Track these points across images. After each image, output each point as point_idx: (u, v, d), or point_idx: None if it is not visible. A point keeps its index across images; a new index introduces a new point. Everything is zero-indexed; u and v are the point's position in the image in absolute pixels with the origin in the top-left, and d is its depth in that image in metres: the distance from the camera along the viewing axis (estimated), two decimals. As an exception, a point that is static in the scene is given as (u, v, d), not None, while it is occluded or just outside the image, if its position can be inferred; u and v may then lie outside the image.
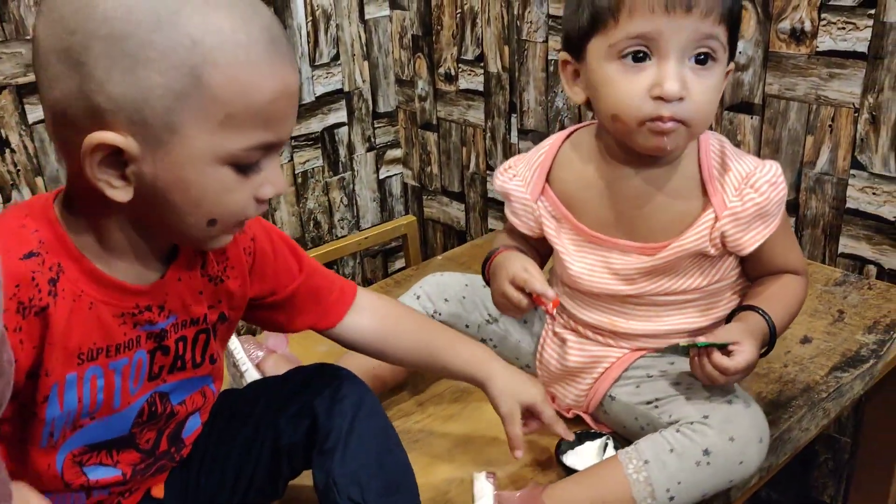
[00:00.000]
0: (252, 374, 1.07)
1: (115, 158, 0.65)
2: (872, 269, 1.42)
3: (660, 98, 0.88)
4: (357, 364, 0.99)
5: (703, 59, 0.89)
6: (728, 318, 1.02)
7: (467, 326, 1.15)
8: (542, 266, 1.12)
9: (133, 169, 0.66)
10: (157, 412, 0.79)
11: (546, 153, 1.05)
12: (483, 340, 1.15)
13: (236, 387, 1.06)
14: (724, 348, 0.92)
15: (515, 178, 1.07)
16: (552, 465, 1.00)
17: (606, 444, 1.00)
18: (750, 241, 0.96)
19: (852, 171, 1.40)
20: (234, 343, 1.11)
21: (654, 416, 0.98)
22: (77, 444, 0.75)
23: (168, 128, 0.64)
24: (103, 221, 0.71)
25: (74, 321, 0.69)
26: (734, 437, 0.91)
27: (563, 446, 1.00)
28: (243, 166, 0.68)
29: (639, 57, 0.89)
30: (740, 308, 1.01)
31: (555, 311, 0.97)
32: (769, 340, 0.98)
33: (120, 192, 0.67)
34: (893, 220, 1.37)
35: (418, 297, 1.15)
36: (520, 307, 0.99)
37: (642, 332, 1.03)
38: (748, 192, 0.95)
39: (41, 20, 0.65)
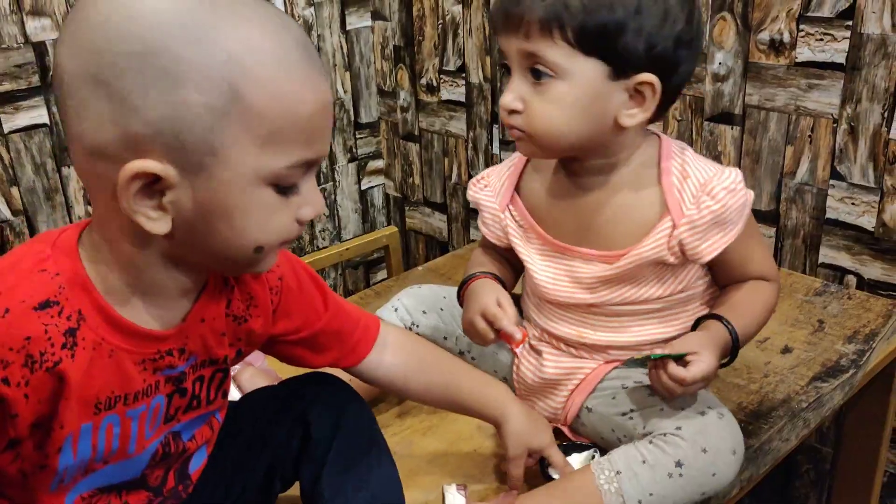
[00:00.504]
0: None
1: (151, 188, 0.61)
2: (852, 280, 1.43)
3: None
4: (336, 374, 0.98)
5: (536, 75, 0.90)
6: (693, 328, 1.01)
7: (445, 338, 1.14)
8: (516, 280, 1.13)
9: (171, 198, 0.62)
10: (171, 452, 0.76)
11: (516, 164, 1.07)
12: (461, 352, 1.14)
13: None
14: (680, 359, 0.91)
15: (486, 189, 1.09)
16: (532, 477, 0.99)
17: (594, 457, 0.99)
18: (708, 250, 0.95)
19: (832, 182, 1.41)
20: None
21: (630, 427, 0.98)
22: (88, 487, 0.72)
23: (209, 149, 0.61)
24: (136, 259, 0.67)
25: (94, 371, 0.66)
26: (707, 448, 0.90)
27: (545, 462, 0.99)
28: (284, 187, 0.65)
29: (506, 71, 0.94)
30: (704, 317, 1.00)
31: (520, 349, 1.00)
32: (731, 349, 0.97)
33: (159, 224, 0.63)
34: (872, 230, 1.38)
35: (396, 310, 1.15)
36: (485, 339, 1.00)
37: (609, 344, 1.03)
38: (705, 199, 0.93)
39: (63, 45, 0.61)
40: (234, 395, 1.09)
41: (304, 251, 2.05)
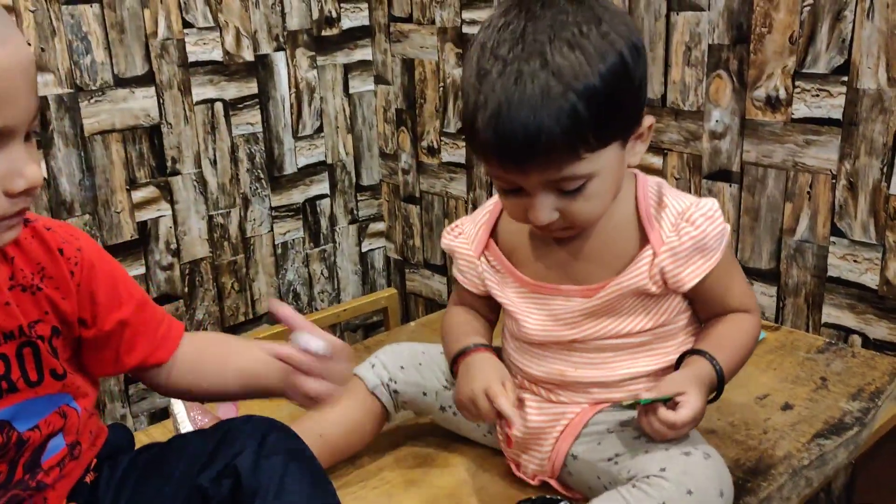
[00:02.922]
0: None
1: None
2: (857, 339, 1.38)
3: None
4: (303, 429, 0.94)
5: (567, 192, 0.88)
6: (676, 363, 0.98)
7: (425, 394, 1.10)
8: (494, 325, 1.12)
9: None
10: (1, 443, 0.73)
11: (491, 210, 1.07)
12: (442, 408, 1.11)
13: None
14: (668, 401, 0.89)
15: (461, 237, 1.08)
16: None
17: None
18: (690, 276, 0.95)
19: (832, 239, 1.38)
20: (178, 407, 1.06)
21: (615, 472, 0.94)
22: None
23: None
24: None
25: None
26: (692, 489, 0.86)
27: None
28: None
29: (508, 190, 0.91)
30: (687, 353, 0.98)
31: (513, 433, 0.98)
32: (717, 385, 0.95)
33: None
34: (876, 287, 1.34)
35: (373, 366, 1.11)
36: (484, 417, 0.97)
37: (591, 381, 1.00)
38: (684, 226, 0.94)
39: None
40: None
41: (303, 312, 2.03)
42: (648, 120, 0.92)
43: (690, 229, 0.94)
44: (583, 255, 0.98)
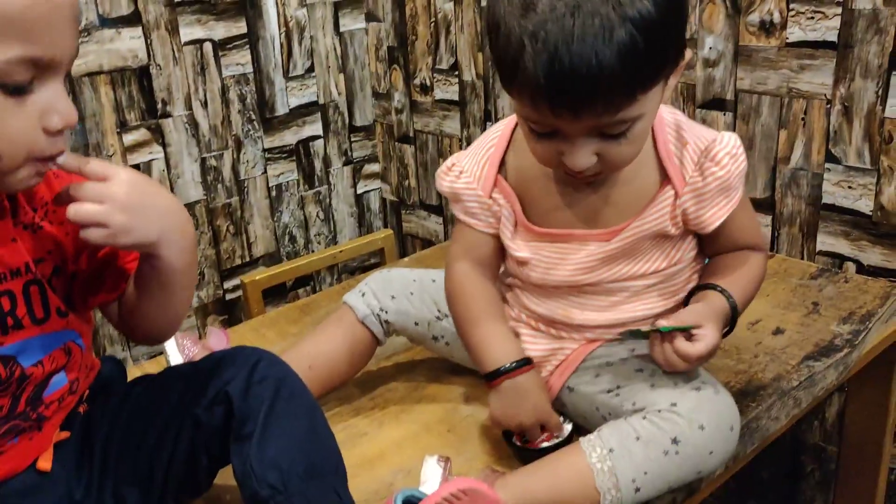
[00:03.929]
0: None
1: None
2: (851, 266, 1.38)
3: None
4: (291, 360, 0.94)
5: (613, 136, 0.83)
6: (686, 298, 0.97)
7: (416, 324, 1.09)
8: (500, 265, 1.06)
9: None
10: (3, 378, 0.73)
11: (496, 143, 0.99)
12: (434, 338, 1.09)
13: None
14: (686, 332, 0.88)
15: (463, 175, 1.00)
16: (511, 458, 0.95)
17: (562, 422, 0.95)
18: (713, 218, 0.92)
19: (827, 166, 1.37)
20: (169, 340, 1.06)
21: (616, 403, 0.93)
22: None
23: None
24: None
25: None
26: (704, 425, 0.86)
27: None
28: (11, 87, 0.62)
29: (542, 133, 0.84)
30: (699, 287, 0.96)
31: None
32: (731, 320, 0.93)
33: None
34: (870, 213, 1.33)
35: (363, 294, 1.09)
36: (531, 438, 0.95)
37: (598, 323, 0.98)
38: (709, 165, 0.90)
39: None
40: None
41: (299, 255, 2.03)
42: (688, 53, 0.86)
43: (716, 169, 0.90)
44: (599, 195, 0.93)
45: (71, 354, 0.79)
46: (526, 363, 0.96)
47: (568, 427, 0.96)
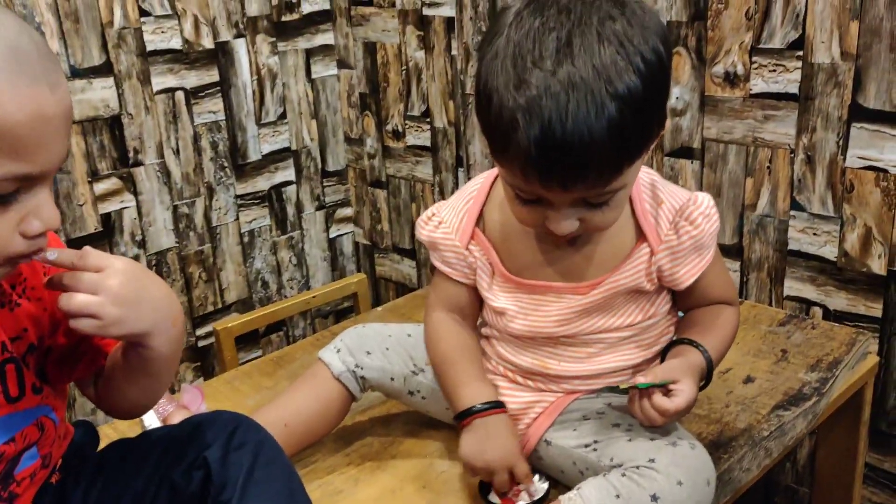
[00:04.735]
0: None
1: None
2: (818, 312, 1.40)
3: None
4: (267, 419, 0.94)
5: (598, 205, 0.85)
6: (663, 353, 0.99)
7: (392, 379, 1.09)
8: (479, 314, 1.07)
9: None
10: None
11: (475, 197, 1.01)
12: (410, 392, 1.09)
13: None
14: (663, 387, 0.89)
15: (442, 226, 1.02)
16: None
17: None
18: (687, 275, 0.95)
19: (792, 213, 1.40)
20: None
21: (593, 459, 0.94)
22: None
23: None
24: None
25: None
26: (682, 480, 0.87)
27: (486, 484, 0.96)
28: None
29: (528, 200, 0.86)
30: (675, 342, 0.98)
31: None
32: (706, 375, 0.95)
33: None
34: (835, 259, 1.36)
35: (338, 351, 1.09)
36: (496, 485, 0.95)
37: (575, 374, 1.00)
38: (684, 225, 0.93)
39: None
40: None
41: (272, 300, 2.03)
42: (667, 122, 0.88)
43: (690, 228, 0.92)
44: (577, 251, 0.95)
45: (44, 429, 0.78)
46: (497, 405, 0.97)
47: (544, 486, 0.96)
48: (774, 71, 1.36)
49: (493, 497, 0.94)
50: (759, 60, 1.37)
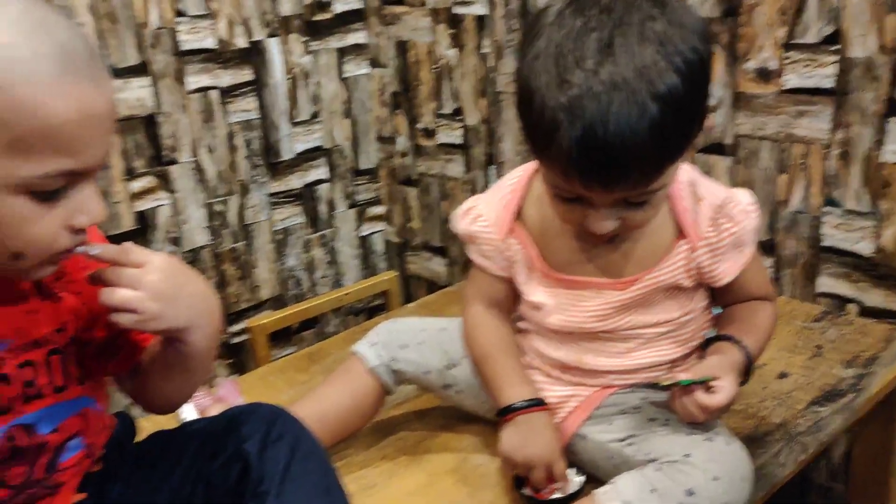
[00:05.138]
0: None
1: None
2: (854, 307, 1.39)
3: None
4: (303, 412, 0.95)
5: (638, 204, 0.85)
6: (703, 349, 0.99)
7: (427, 373, 1.10)
8: (516, 307, 1.08)
9: None
10: (23, 446, 0.74)
11: (513, 191, 1.01)
12: (445, 386, 1.10)
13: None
14: (704, 384, 0.90)
15: (480, 219, 1.02)
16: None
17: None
18: (726, 272, 0.95)
19: (826, 209, 1.39)
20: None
21: (629, 453, 0.94)
22: None
23: None
24: None
25: None
26: (718, 476, 0.87)
27: (522, 477, 0.96)
28: (43, 194, 0.64)
29: (568, 199, 0.87)
30: (715, 338, 0.98)
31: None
32: (746, 370, 0.95)
33: None
34: (871, 255, 1.35)
35: (373, 345, 1.10)
36: (532, 480, 0.95)
37: (611, 369, 1.00)
38: (723, 222, 0.93)
39: None
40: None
41: (305, 297, 2.04)
42: (709, 120, 0.89)
43: (730, 225, 0.93)
44: (616, 247, 0.95)
45: (87, 419, 0.80)
46: (539, 403, 0.98)
47: (580, 479, 0.96)
48: (808, 66, 1.35)
49: (528, 490, 0.95)
50: (792, 55, 1.36)
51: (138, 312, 0.70)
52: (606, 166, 0.79)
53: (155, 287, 0.70)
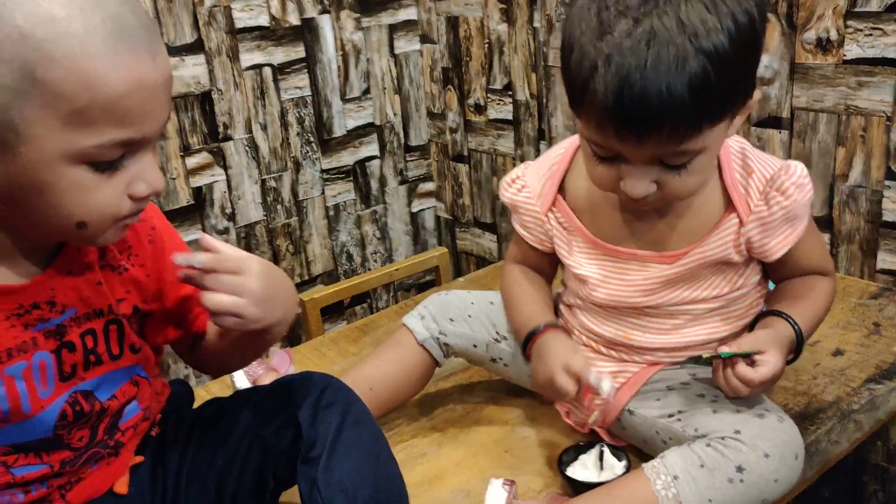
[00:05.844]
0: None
1: None
2: (914, 285, 1.36)
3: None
4: (353, 382, 0.97)
5: (675, 166, 0.82)
6: (752, 324, 0.97)
7: (475, 346, 1.11)
8: (553, 279, 1.10)
9: None
10: (85, 411, 0.77)
11: (559, 162, 1.01)
12: (493, 360, 1.11)
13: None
14: (748, 357, 0.88)
15: (524, 190, 1.03)
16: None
17: (602, 452, 0.96)
18: (778, 247, 0.92)
19: (887, 182, 1.35)
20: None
21: (678, 429, 0.93)
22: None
23: (10, 127, 0.61)
24: None
25: None
26: (769, 453, 0.86)
27: (564, 459, 0.96)
28: (102, 164, 0.65)
29: (604, 157, 0.85)
30: (764, 313, 0.96)
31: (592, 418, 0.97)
32: (796, 347, 0.93)
33: None
34: (933, 231, 1.31)
35: (423, 318, 1.11)
36: (566, 395, 0.94)
37: (659, 346, 0.99)
38: (775, 195, 0.90)
39: None
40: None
41: (356, 273, 2.07)
42: (758, 94, 0.85)
43: (781, 199, 0.90)
44: (661, 219, 0.94)
45: (139, 386, 0.83)
46: (549, 327, 1.00)
47: (623, 464, 0.96)
48: (871, 35, 1.31)
49: (571, 471, 0.95)
50: (854, 24, 1.32)
51: (241, 317, 0.73)
52: (641, 117, 0.77)
53: (256, 294, 0.73)
